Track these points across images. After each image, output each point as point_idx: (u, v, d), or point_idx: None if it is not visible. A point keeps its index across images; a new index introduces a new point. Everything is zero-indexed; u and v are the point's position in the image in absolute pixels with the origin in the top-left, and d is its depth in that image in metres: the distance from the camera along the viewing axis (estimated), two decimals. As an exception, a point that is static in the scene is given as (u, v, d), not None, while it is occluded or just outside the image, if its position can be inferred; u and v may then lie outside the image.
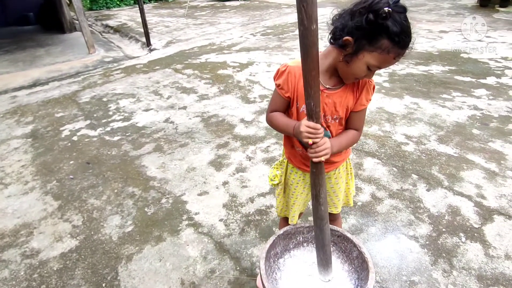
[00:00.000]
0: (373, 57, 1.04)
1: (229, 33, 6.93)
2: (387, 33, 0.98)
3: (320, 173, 1.19)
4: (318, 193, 1.22)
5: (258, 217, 2.20)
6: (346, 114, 1.25)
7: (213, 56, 5.51)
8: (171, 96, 4.09)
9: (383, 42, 1.00)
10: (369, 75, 1.12)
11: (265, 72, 4.67)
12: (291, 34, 6.59)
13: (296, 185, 1.48)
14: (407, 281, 1.72)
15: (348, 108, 1.23)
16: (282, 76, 1.21)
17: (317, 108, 1.05)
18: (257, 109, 3.64)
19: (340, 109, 1.22)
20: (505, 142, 2.78)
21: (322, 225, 1.29)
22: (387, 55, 1.02)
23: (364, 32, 1.00)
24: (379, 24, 0.97)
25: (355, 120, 1.28)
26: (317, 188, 1.21)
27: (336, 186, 1.48)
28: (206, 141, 3.09)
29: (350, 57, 1.07)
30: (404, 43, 1.01)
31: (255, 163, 2.74)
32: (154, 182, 2.57)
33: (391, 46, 1.00)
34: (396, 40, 0.99)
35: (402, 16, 0.98)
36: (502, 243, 1.90)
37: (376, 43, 1.01)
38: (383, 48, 1.01)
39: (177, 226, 2.15)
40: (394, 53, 1.02)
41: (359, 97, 1.22)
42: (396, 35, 0.98)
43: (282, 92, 1.23)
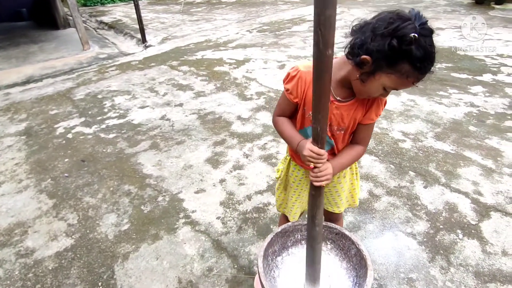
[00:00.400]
0: (390, 79, 0.99)
1: (225, 30, 6.89)
2: (409, 59, 0.92)
3: (319, 195, 1.18)
4: (315, 215, 1.21)
5: (255, 214, 2.19)
6: (353, 126, 1.22)
7: (209, 52, 5.47)
8: (167, 93, 4.06)
9: (403, 66, 0.94)
10: (384, 94, 1.08)
11: (262, 69, 4.65)
12: (288, 31, 6.56)
13: (298, 182, 1.46)
14: (405, 278, 1.72)
15: (355, 121, 1.20)
16: (292, 81, 1.18)
17: (323, 134, 1.01)
18: (254, 106, 3.62)
19: (347, 121, 1.19)
20: (502, 139, 2.79)
21: (315, 245, 1.28)
22: (406, 80, 0.97)
23: (384, 55, 0.94)
24: (403, 50, 0.91)
25: (361, 133, 1.25)
26: (314, 210, 1.20)
27: (339, 186, 1.46)
28: (203, 139, 3.06)
29: (367, 76, 1.02)
30: (426, 69, 0.95)
31: (252, 161, 2.72)
32: (150, 180, 2.55)
33: (411, 71, 0.95)
34: (418, 66, 0.93)
35: (427, 40, 0.91)
36: (499, 239, 1.90)
37: (396, 67, 0.95)
38: (403, 72, 0.95)
39: (174, 224, 2.13)
40: (413, 78, 0.97)
41: (368, 111, 1.18)
42: (418, 61, 0.92)
43: (290, 97, 1.20)
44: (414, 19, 0.91)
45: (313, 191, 1.16)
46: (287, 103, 1.24)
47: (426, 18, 0.93)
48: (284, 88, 1.21)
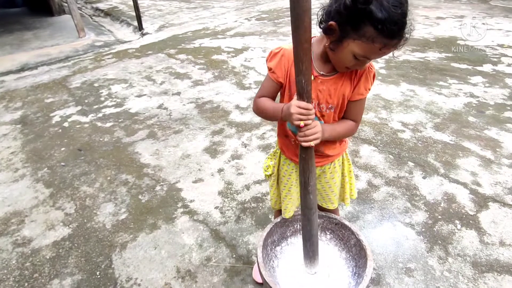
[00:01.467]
0: (358, 46, 0.94)
1: (223, 18, 6.78)
2: (370, 20, 0.87)
3: (310, 158, 1.11)
4: (307, 180, 1.14)
5: (254, 204, 2.18)
6: (342, 103, 1.16)
7: (207, 41, 5.39)
8: (164, 81, 4.01)
9: (367, 29, 0.89)
10: (359, 64, 1.02)
11: (260, 57, 4.59)
12: (287, 19, 6.47)
13: (288, 177, 1.41)
14: (403, 268, 1.73)
15: (344, 97, 1.14)
16: (274, 59, 1.13)
17: (308, 87, 0.96)
18: (252, 95, 3.58)
19: (335, 97, 1.13)
20: (501, 129, 2.78)
21: (310, 215, 1.23)
22: (372, 45, 0.92)
23: (346, 17, 0.90)
24: (360, 9, 0.87)
25: (352, 110, 1.19)
26: (306, 174, 1.13)
27: (332, 181, 1.42)
28: (201, 128, 3.04)
29: (335, 44, 0.98)
30: (391, 32, 0.88)
31: (250, 150, 2.70)
32: (148, 169, 2.53)
33: (376, 35, 0.89)
34: (380, 28, 0.87)
35: (391, 1, 0.86)
36: (497, 230, 1.91)
37: (360, 31, 0.90)
38: (367, 37, 0.90)
39: (172, 214, 2.12)
40: (379, 43, 0.91)
41: (356, 85, 1.12)
42: (379, 23, 0.87)
43: (274, 77, 1.14)
44: None
45: (303, 153, 1.09)
46: (270, 84, 1.17)
47: None
48: (268, 67, 1.15)
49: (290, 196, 1.46)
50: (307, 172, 1.13)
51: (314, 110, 1.05)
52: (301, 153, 1.10)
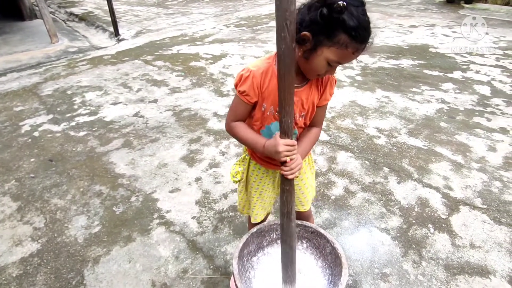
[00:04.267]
0: (332, 52, 1.00)
1: (201, 24, 6.76)
2: (344, 28, 0.95)
3: (292, 190, 1.18)
4: (290, 211, 1.19)
5: (231, 213, 2.16)
6: (312, 110, 1.24)
7: (185, 47, 5.35)
8: (141, 89, 3.93)
9: (340, 37, 0.96)
10: (330, 71, 1.09)
11: (239, 64, 4.59)
12: (265, 26, 6.52)
13: (259, 181, 1.44)
14: (379, 273, 1.75)
15: (314, 104, 1.22)
16: (246, 82, 1.14)
17: (291, 125, 1.03)
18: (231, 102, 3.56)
19: (306, 105, 1.21)
20: (470, 134, 2.89)
21: (291, 242, 1.27)
22: (346, 50, 0.99)
23: (320, 26, 0.97)
24: (335, 18, 0.94)
25: (318, 115, 1.28)
26: (289, 205, 1.19)
27: (301, 183, 1.46)
28: (178, 136, 2.99)
29: (309, 53, 1.03)
30: (363, 37, 0.98)
31: (228, 158, 2.68)
32: (123, 180, 2.46)
33: (349, 41, 0.97)
34: (354, 35, 0.96)
35: (359, 10, 0.95)
36: (468, 232, 1.97)
37: (334, 38, 0.97)
38: (341, 43, 0.98)
39: (147, 225, 2.07)
40: (352, 48, 0.99)
41: (323, 92, 1.21)
42: (353, 30, 0.95)
43: (247, 99, 1.16)
44: None
45: (287, 185, 1.15)
46: (243, 107, 1.20)
47: None
48: (239, 91, 1.17)
49: (261, 200, 1.49)
50: (290, 204, 1.18)
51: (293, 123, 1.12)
52: (284, 185, 1.15)
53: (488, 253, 1.85)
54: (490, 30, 5.79)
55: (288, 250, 1.30)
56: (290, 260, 1.34)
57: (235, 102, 1.21)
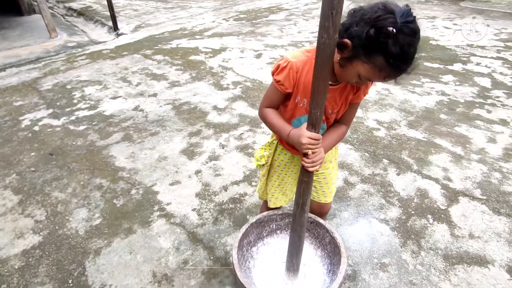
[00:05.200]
0: (365, 68, 0.98)
1: (201, 18, 6.72)
2: (384, 52, 0.91)
3: (311, 182, 1.19)
4: (305, 201, 1.22)
5: (231, 205, 2.17)
6: (345, 107, 1.24)
7: (184, 41, 5.32)
8: (140, 83, 3.93)
9: (378, 59, 0.93)
10: (360, 83, 1.09)
11: (238, 58, 4.58)
12: (264, 19, 6.49)
13: (283, 166, 1.46)
14: (378, 263, 1.76)
15: (347, 101, 1.22)
16: (283, 72, 1.16)
17: (320, 117, 1.04)
18: (230, 96, 3.56)
19: (340, 102, 1.21)
20: (470, 126, 2.89)
21: (302, 232, 1.30)
22: (379, 73, 0.97)
23: (363, 42, 0.94)
24: (379, 40, 0.91)
25: (348, 113, 1.27)
26: (305, 196, 1.21)
27: (327, 171, 1.46)
28: (178, 129, 2.99)
29: (345, 61, 1.02)
30: (399, 68, 0.94)
31: (228, 151, 2.69)
32: (123, 173, 2.47)
33: (384, 66, 0.94)
34: (391, 62, 0.92)
35: (407, 39, 0.90)
36: (467, 223, 1.98)
37: (371, 58, 0.95)
38: (376, 65, 0.95)
39: (148, 218, 2.08)
40: (385, 72, 0.96)
41: (357, 90, 1.20)
42: (392, 58, 0.91)
43: (282, 88, 1.19)
44: (399, 14, 0.90)
45: (306, 177, 1.17)
46: (277, 95, 1.23)
47: (414, 16, 0.93)
48: (275, 80, 1.19)
49: (283, 185, 1.51)
50: (306, 195, 1.20)
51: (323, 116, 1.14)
52: (303, 176, 1.17)
53: (487, 243, 1.86)
54: (491, 22, 5.75)
55: (297, 239, 1.31)
56: (297, 249, 1.35)
57: (271, 89, 1.24)
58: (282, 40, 5.22)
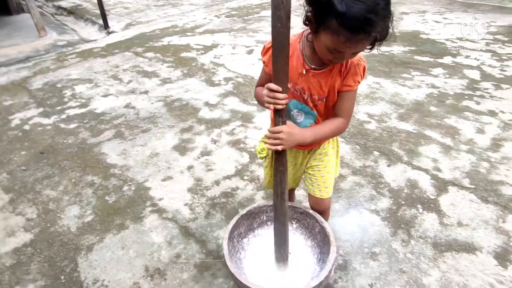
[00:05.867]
0: (327, 38, 0.95)
1: (192, 15, 6.69)
2: (333, 12, 0.88)
3: (285, 171, 1.19)
4: (283, 191, 1.22)
5: (223, 199, 2.17)
6: (333, 94, 1.19)
7: (175, 38, 5.30)
8: (131, 80, 3.91)
9: (331, 22, 0.90)
10: (336, 58, 1.02)
11: (230, 54, 4.57)
12: (256, 16, 6.48)
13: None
14: (369, 252, 1.78)
15: (334, 88, 1.17)
16: (267, 54, 1.19)
17: (285, 69, 0.99)
18: (222, 91, 3.56)
19: (326, 88, 1.17)
20: (459, 117, 2.92)
21: (286, 221, 1.31)
22: (337, 38, 0.92)
23: (316, 8, 0.94)
24: (327, 3, 0.88)
25: (340, 103, 1.21)
26: (282, 186, 1.21)
27: (322, 164, 1.42)
28: (170, 126, 2.99)
29: (314, 36, 1.01)
30: (352, 26, 0.88)
31: (220, 146, 2.69)
32: (115, 170, 2.46)
33: (338, 28, 0.89)
34: (341, 22, 0.88)
35: None
36: (455, 211, 2.01)
37: (326, 23, 0.92)
38: (333, 29, 0.91)
39: (140, 213, 2.08)
40: (343, 36, 0.90)
41: (345, 77, 1.15)
42: (340, 17, 0.87)
43: (267, 70, 1.23)
44: None
45: (281, 166, 1.17)
46: (264, 75, 1.29)
47: None
48: (262, 60, 1.25)
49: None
50: (284, 183, 1.21)
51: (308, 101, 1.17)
52: (277, 165, 1.17)
53: (475, 230, 1.89)
54: (481, 15, 5.80)
55: (282, 228, 1.33)
56: (283, 238, 1.36)
57: (262, 70, 1.30)
58: (273, 36, 5.22)
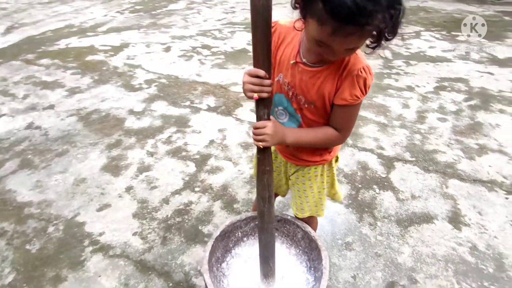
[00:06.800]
0: (312, 26, 0.79)
1: (89, 12, 5.91)
2: None
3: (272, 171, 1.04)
4: (271, 194, 1.07)
5: (178, 218, 1.92)
6: (324, 103, 1.00)
7: (74, 40, 4.60)
8: (28, 94, 3.24)
9: (317, 6, 0.74)
10: (326, 53, 0.85)
11: (146, 54, 4.15)
12: (165, 9, 6.04)
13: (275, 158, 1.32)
14: (343, 244, 1.76)
15: (325, 97, 0.98)
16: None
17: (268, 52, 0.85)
18: (146, 96, 3.19)
19: (313, 92, 0.98)
20: (385, 96, 3.13)
21: (273, 230, 1.18)
22: (322, 28, 0.76)
23: None
24: None
25: (335, 116, 1.02)
26: (270, 188, 1.06)
27: (302, 187, 1.27)
28: (92, 143, 2.55)
29: (303, 23, 0.84)
30: (339, 15, 0.71)
31: (159, 158, 2.39)
32: (30, 209, 1.98)
33: (324, 15, 0.73)
34: (326, 8, 0.72)
35: None
36: (406, 185, 2.12)
37: (312, 8, 0.76)
38: (318, 16, 0.75)
39: (78, 257, 1.70)
40: (329, 26, 0.74)
41: (340, 87, 0.95)
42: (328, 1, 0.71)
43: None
44: None
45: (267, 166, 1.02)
46: None
47: None
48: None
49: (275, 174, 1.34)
50: (271, 186, 1.06)
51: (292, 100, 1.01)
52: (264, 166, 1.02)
53: (427, 200, 2.01)
54: None
55: (270, 239, 1.18)
56: (272, 250, 1.22)
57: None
58: (189, 31, 4.92)
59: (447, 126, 2.69)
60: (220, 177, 2.21)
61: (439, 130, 2.63)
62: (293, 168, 1.26)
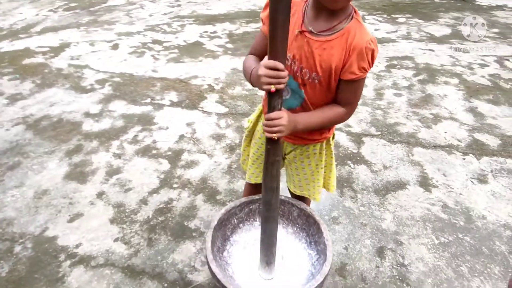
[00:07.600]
0: None
1: (18, 13, 5.33)
2: None
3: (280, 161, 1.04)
4: (278, 185, 1.06)
5: (161, 218, 1.84)
6: (330, 78, 0.96)
7: (6, 44, 4.13)
8: (-41, 106, 2.85)
9: None
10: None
11: (91, 52, 3.86)
12: (104, 5, 5.65)
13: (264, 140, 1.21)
14: (330, 219, 1.81)
15: (332, 70, 0.95)
16: (267, 9, 0.92)
17: (284, 44, 0.80)
18: (101, 97, 2.98)
19: (318, 63, 0.94)
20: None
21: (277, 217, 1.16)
22: None
23: None
24: None
25: (343, 91, 1.00)
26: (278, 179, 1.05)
27: (301, 165, 1.27)
28: (48, 152, 2.32)
29: None
30: None
31: (128, 160, 2.25)
32: (-12, 230, 1.76)
33: None
34: None
35: None
36: (377, 158, 2.24)
37: None
38: None
39: (56, 274, 1.55)
40: None
41: (347, 61, 0.93)
42: None
43: (263, 29, 1.00)
44: None
45: (277, 156, 0.99)
46: (260, 37, 1.06)
47: None
48: (261, 18, 1.02)
49: (260, 161, 1.30)
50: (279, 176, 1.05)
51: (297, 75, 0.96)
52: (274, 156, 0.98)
53: (398, 169, 2.15)
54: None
55: (274, 228, 1.17)
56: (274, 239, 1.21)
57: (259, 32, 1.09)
58: (135, 26, 4.67)
59: (403, 100, 2.88)
60: (197, 171, 2.15)
61: (397, 105, 2.81)
62: (290, 147, 1.25)
